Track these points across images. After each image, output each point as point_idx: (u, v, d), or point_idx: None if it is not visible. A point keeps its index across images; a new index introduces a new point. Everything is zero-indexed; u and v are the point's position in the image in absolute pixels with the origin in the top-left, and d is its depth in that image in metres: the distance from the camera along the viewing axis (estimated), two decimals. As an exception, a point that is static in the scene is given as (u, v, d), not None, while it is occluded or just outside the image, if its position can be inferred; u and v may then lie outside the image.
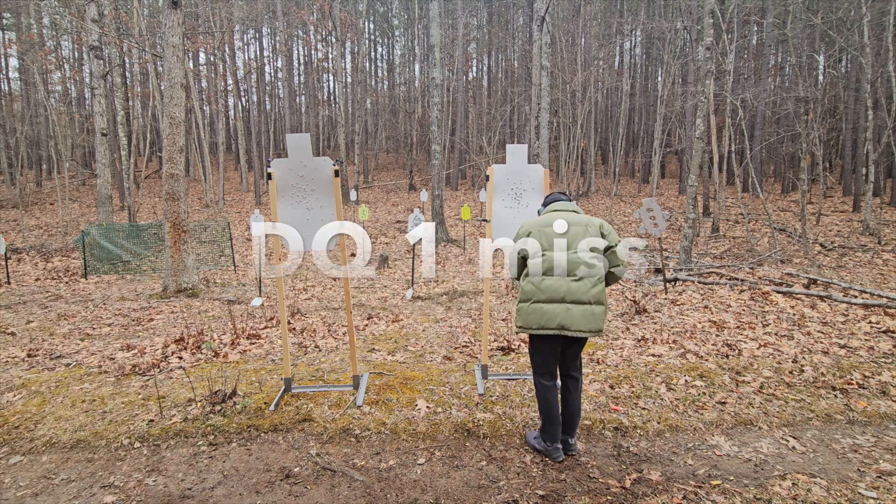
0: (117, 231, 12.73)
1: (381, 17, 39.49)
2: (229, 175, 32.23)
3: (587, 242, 2.63)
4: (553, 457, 2.75)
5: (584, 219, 2.71)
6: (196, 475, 2.73)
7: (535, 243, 2.68)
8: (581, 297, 2.58)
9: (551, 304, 2.60)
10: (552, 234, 2.66)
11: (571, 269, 2.61)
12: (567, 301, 2.59)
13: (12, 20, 27.50)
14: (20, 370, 4.47)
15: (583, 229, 2.65)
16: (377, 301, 7.61)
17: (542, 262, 2.65)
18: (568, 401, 2.79)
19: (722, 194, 15.57)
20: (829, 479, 2.61)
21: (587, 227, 2.67)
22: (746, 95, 14.74)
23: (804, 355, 4.32)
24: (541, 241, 2.67)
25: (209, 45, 22.77)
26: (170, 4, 7.76)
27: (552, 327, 2.60)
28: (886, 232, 13.36)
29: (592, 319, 2.59)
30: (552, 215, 2.73)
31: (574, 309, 2.58)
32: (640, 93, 30.37)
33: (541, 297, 2.62)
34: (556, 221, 2.68)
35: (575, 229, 2.66)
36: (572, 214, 2.72)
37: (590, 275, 2.61)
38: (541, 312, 2.61)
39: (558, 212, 2.75)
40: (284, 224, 3.57)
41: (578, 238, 2.64)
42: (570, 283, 2.60)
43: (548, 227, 2.68)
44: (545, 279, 2.63)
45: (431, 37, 14.27)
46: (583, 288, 2.59)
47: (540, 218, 2.76)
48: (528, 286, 2.68)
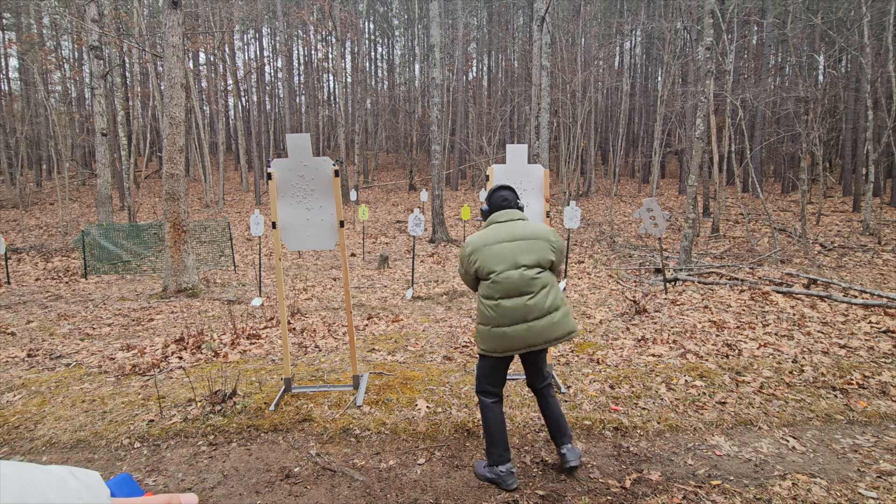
0: (117, 231, 12.72)
1: (381, 17, 39.49)
2: (229, 175, 32.23)
3: (536, 258, 2.47)
4: (506, 483, 2.47)
5: (532, 230, 2.51)
6: (196, 475, 2.73)
7: (483, 265, 2.48)
8: (540, 312, 2.42)
9: (514, 326, 2.42)
10: (499, 253, 2.45)
11: (525, 289, 2.43)
12: (529, 320, 2.42)
13: (12, 20, 27.50)
14: (20, 370, 4.47)
15: (530, 244, 2.47)
16: (377, 301, 7.61)
17: (494, 285, 2.45)
18: (548, 408, 2.61)
19: (722, 194, 15.57)
20: (829, 479, 2.61)
21: (536, 239, 2.49)
22: (746, 95, 14.74)
23: (804, 355, 4.32)
24: (488, 263, 2.46)
25: (209, 45, 22.77)
26: (170, 4, 7.76)
27: (520, 348, 2.44)
28: (886, 232, 13.37)
29: (557, 327, 2.45)
30: (498, 231, 2.51)
31: (535, 325, 2.42)
32: (640, 93, 30.37)
33: (502, 321, 2.43)
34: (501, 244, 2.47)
35: (523, 244, 2.46)
36: (519, 226, 2.52)
37: (543, 285, 2.46)
38: (504, 337, 2.43)
39: (502, 223, 2.54)
40: (284, 224, 3.57)
41: (527, 254, 2.46)
42: (526, 301, 2.42)
43: (495, 246, 2.47)
44: (501, 302, 2.43)
45: (431, 37, 14.27)
46: (539, 303, 2.42)
47: (485, 234, 2.52)
48: (486, 310, 2.48)
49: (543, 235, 2.51)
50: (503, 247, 2.45)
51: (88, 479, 0.55)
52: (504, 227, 2.50)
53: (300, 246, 3.59)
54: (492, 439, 2.50)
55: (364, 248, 14.32)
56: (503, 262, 2.43)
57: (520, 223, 2.52)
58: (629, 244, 13.86)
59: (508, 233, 2.48)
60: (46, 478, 0.51)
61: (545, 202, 3.82)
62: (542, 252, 2.48)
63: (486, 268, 2.47)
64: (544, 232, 2.53)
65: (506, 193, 2.63)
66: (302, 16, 25.97)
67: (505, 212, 2.57)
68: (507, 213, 2.56)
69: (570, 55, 24.11)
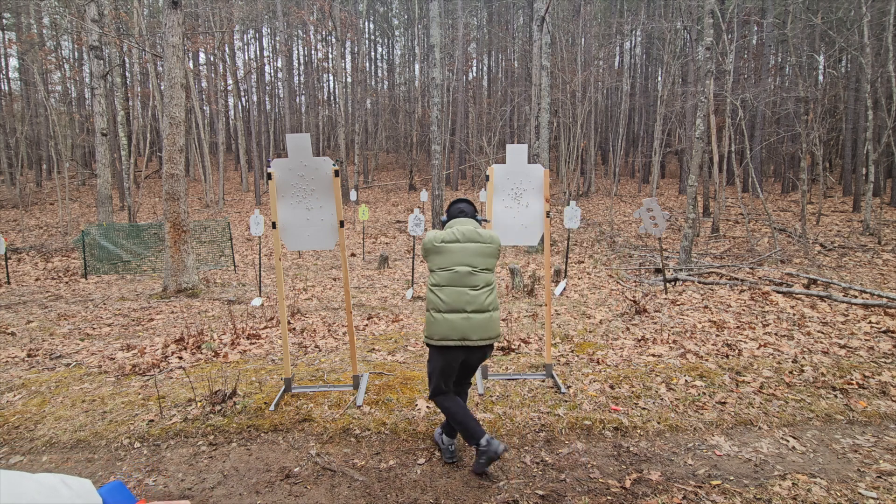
0: (117, 231, 12.72)
1: (381, 17, 39.48)
2: (229, 175, 32.22)
3: (484, 260, 2.75)
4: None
5: (483, 236, 2.78)
6: (196, 475, 2.73)
7: (437, 258, 2.75)
8: (479, 305, 2.66)
9: (454, 313, 2.65)
10: (453, 251, 2.73)
11: (469, 282, 2.69)
12: (468, 311, 2.65)
13: (12, 20, 27.50)
14: (20, 370, 4.47)
15: (481, 247, 2.75)
16: (377, 301, 7.61)
17: (443, 274, 2.72)
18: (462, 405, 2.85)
19: (722, 194, 15.57)
20: (829, 479, 2.61)
21: (486, 244, 2.77)
22: (746, 95, 14.74)
23: (804, 355, 4.32)
24: (442, 257, 2.73)
25: (209, 45, 22.77)
26: (170, 4, 7.76)
27: (455, 338, 2.62)
28: (886, 232, 13.36)
29: (492, 326, 2.68)
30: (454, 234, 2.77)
31: (474, 318, 2.65)
32: (640, 93, 30.36)
33: (442, 307, 2.66)
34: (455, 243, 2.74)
35: (473, 246, 2.74)
36: (472, 231, 2.78)
37: (486, 283, 2.73)
38: (444, 322, 2.64)
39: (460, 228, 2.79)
40: (284, 224, 3.57)
41: (477, 255, 2.73)
42: (468, 291, 2.67)
43: (450, 244, 2.74)
44: (446, 289, 2.69)
45: (431, 37, 14.28)
46: (480, 297, 2.68)
47: (444, 233, 2.79)
48: (432, 296, 2.73)
49: (494, 241, 2.82)
50: (457, 246, 2.74)
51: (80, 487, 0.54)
52: (461, 230, 2.78)
53: (300, 246, 3.59)
54: (461, 421, 2.63)
55: (364, 248, 14.32)
56: (455, 258, 2.72)
57: (473, 229, 2.80)
58: (629, 244, 13.86)
59: (463, 236, 2.76)
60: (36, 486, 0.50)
61: (545, 202, 3.82)
62: (489, 256, 2.79)
63: (440, 260, 2.74)
64: (495, 238, 2.84)
65: (463, 206, 2.96)
66: (302, 16, 25.97)
67: (461, 219, 2.88)
68: (463, 220, 2.87)
69: (570, 55, 24.11)
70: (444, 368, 2.69)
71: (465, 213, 2.94)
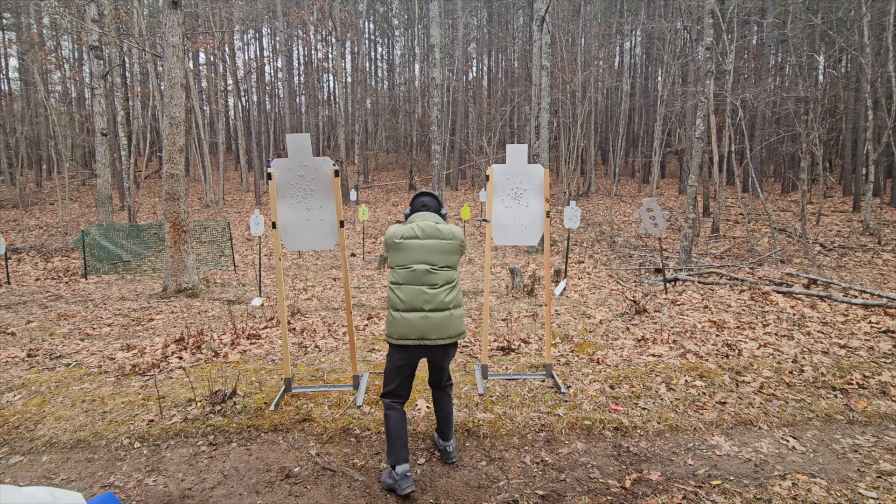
0: (117, 231, 12.72)
1: (381, 17, 39.48)
2: (229, 175, 32.22)
3: (444, 258, 2.66)
4: (400, 487, 2.46)
5: (445, 232, 2.70)
6: (196, 475, 2.73)
7: (397, 255, 2.67)
8: (438, 304, 2.60)
9: (411, 312, 2.59)
10: (413, 247, 2.65)
11: (427, 280, 2.62)
12: (426, 310, 2.58)
13: (12, 20, 27.50)
14: (20, 370, 4.47)
15: (441, 244, 2.67)
16: (377, 301, 7.61)
17: (402, 271, 2.65)
18: (442, 406, 2.80)
19: (722, 194, 15.57)
20: (829, 479, 2.61)
21: (448, 240, 2.69)
22: (746, 95, 14.74)
23: (804, 355, 4.32)
24: (402, 254, 2.66)
25: (209, 45, 22.76)
26: (170, 4, 7.76)
27: (413, 338, 2.56)
28: (886, 232, 13.36)
29: (452, 324, 2.62)
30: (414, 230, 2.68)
31: (432, 317, 2.58)
32: (640, 93, 30.36)
33: (400, 305, 2.60)
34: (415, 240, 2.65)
35: (434, 243, 2.66)
36: (432, 227, 2.69)
37: (447, 281, 2.66)
38: (402, 321, 2.58)
39: (419, 223, 2.71)
40: (284, 224, 3.57)
41: (437, 252, 2.66)
42: (426, 290, 2.60)
43: (410, 241, 2.66)
44: (404, 287, 2.62)
45: (431, 37, 14.27)
46: (439, 296, 2.61)
47: (405, 229, 2.70)
48: (391, 295, 2.67)
49: (456, 237, 2.74)
50: (418, 243, 2.65)
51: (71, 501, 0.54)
52: (421, 226, 2.69)
53: (300, 246, 3.59)
54: (390, 438, 2.55)
55: (364, 248, 14.32)
56: (414, 256, 2.64)
57: (434, 224, 2.71)
58: (629, 244, 13.86)
59: (422, 232, 2.67)
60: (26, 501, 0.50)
61: (545, 202, 3.82)
62: (451, 253, 2.70)
63: (398, 258, 2.67)
64: (458, 234, 2.75)
65: (426, 200, 2.86)
66: (302, 16, 25.97)
67: (422, 214, 2.78)
68: (425, 215, 2.77)
69: (570, 55, 24.10)
70: (402, 367, 2.63)
71: (427, 207, 2.85)
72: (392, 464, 2.52)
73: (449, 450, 2.81)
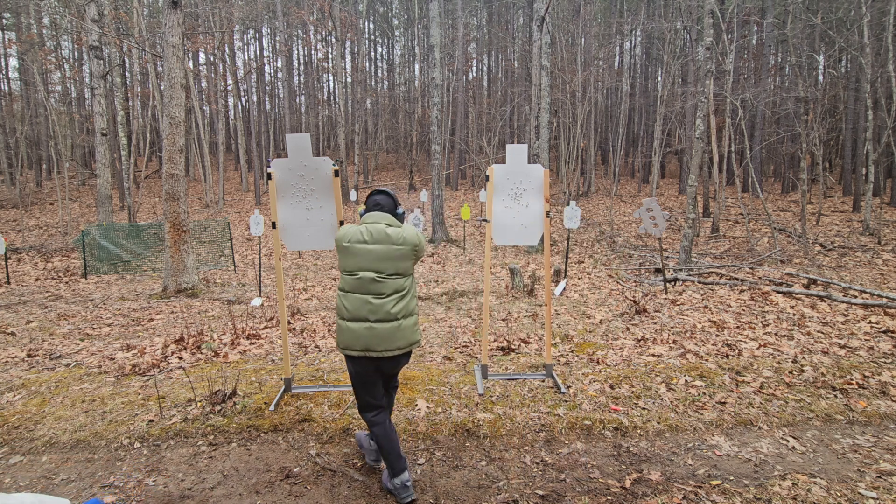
0: (117, 231, 12.72)
1: (381, 17, 39.48)
2: (229, 175, 32.22)
3: (394, 264, 2.50)
4: (400, 497, 2.43)
5: (396, 237, 2.52)
6: (196, 475, 2.73)
7: (345, 259, 2.53)
8: (384, 315, 2.45)
9: (356, 322, 2.46)
10: (361, 252, 2.49)
11: (374, 289, 2.47)
12: (371, 320, 2.44)
13: (12, 20, 27.50)
14: (20, 370, 4.47)
15: (391, 249, 2.49)
16: (377, 301, 7.60)
17: (349, 278, 2.50)
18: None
19: (722, 194, 15.57)
20: (829, 479, 2.61)
21: (399, 246, 2.51)
22: (746, 95, 14.74)
23: (804, 355, 4.32)
24: (350, 258, 2.51)
25: (209, 45, 22.76)
26: (170, 4, 7.76)
27: (357, 349, 2.45)
28: (886, 232, 13.36)
29: (400, 335, 2.48)
30: (364, 232, 2.53)
31: (378, 328, 2.44)
32: (640, 93, 30.35)
33: (345, 314, 2.49)
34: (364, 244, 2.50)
35: (383, 249, 2.49)
36: (382, 230, 2.52)
37: (396, 289, 2.50)
38: (347, 331, 2.47)
39: (370, 225, 2.55)
40: (284, 224, 3.57)
41: (386, 259, 2.49)
42: (371, 300, 2.46)
43: (358, 245, 2.50)
44: (349, 295, 2.49)
45: (431, 37, 14.27)
46: (386, 306, 2.46)
47: (355, 231, 2.55)
48: (339, 301, 2.54)
49: (408, 242, 2.54)
50: (364, 248, 2.49)
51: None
52: (369, 229, 2.52)
53: (300, 246, 3.59)
54: (383, 453, 2.49)
55: (364, 248, 14.29)
56: (361, 262, 2.49)
57: (383, 228, 2.53)
58: (629, 244, 13.86)
59: (371, 236, 2.50)
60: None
61: (545, 202, 3.82)
62: (401, 259, 2.52)
63: (346, 262, 2.53)
64: (410, 238, 2.55)
65: (380, 198, 2.66)
66: (302, 16, 25.97)
67: (374, 214, 2.59)
68: (375, 216, 2.58)
69: (570, 55, 24.10)
70: (358, 377, 2.53)
71: (381, 207, 2.63)
72: (391, 475, 2.47)
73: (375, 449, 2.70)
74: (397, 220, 2.64)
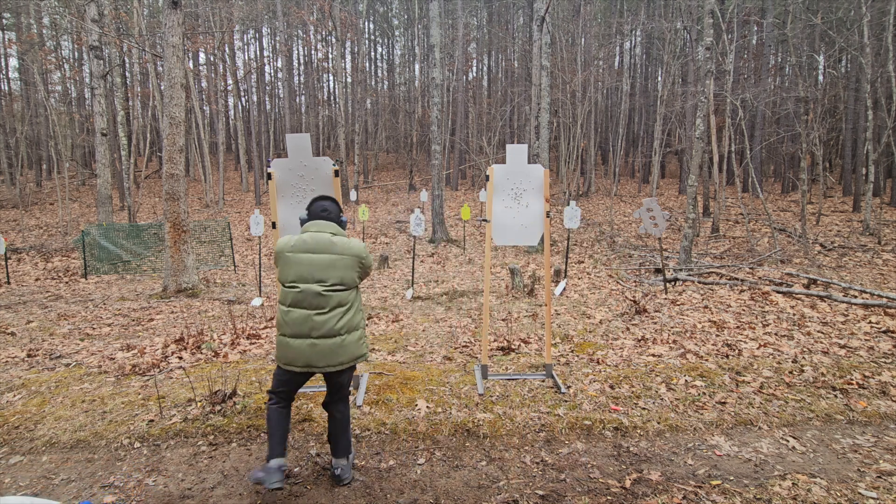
0: (117, 231, 12.73)
1: (381, 17, 39.48)
2: (229, 175, 32.22)
3: (339, 275, 2.41)
4: (268, 481, 2.32)
5: (341, 246, 2.44)
6: (196, 475, 2.73)
7: (283, 271, 2.41)
8: (328, 330, 2.37)
9: (298, 339, 2.37)
10: (302, 263, 2.38)
11: (317, 303, 2.37)
12: (314, 336, 2.36)
13: (12, 20, 27.50)
14: (20, 370, 4.47)
15: (334, 260, 2.41)
16: (377, 301, 7.61)
17: (289, 292, 2.39)
18: (332, 425, 2.58)
19: (722, 194, 15.57)
20: (829, 479, 2.61)
21: (343, 256, 2.43)
22: (746, 95, 14.74)
23: (804, 355, 4.32)
24: (289, 270, 2.40)
25: (209, 45, 22.77)
26: (170, 4, 7.76)
27: (299, 365, 2.38)
28: (886, 232, 13.36)
29: (343, 351, 2.41)
30: (307, 241, 2.42)
31: (320, 344, 2.37)
32: (640, 93, 30.36)
33: (286, 330, 2.39)
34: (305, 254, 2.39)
35: (326, 259, 2.39)
36: (326, 239, 2.43)
37: (339, 303, 2.42)
38: (288, 347, 2.38)
39: (313, 234, 2.44)
40: (284, 224, 3.57)
41: (329, 269, 2.39)
42: (314, 315, 2.36)
43: (299, 255, 2.39)
44: (291, 311, 2.39)
45: (431, 37, 14.27)
46: (329, 322, 2.38)
47: (295, 241, 2.43)
48: (279, 316, 2.45)
49: (353, 252, 2.45)
50: (307, 257, 2.38)
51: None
52: (313, 237, 2.42)
53: (300, 246, 3.59)
54: (269, 433, 2.45)
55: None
56: (302, 273, 2.37)
57: (328, 237, 2.43)
58: (629, 244, 13.86)
59: (316, 245, 2.40)
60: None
61: (545, 202, 3.83)
62: (346, 270, 2.43)
63: (286, 272, 2.40)
64: (355, 249, 2.46)
65: (326, 204, 2.55)
66: (302, 16, 25.97)
67: (317, 223, 2.49)
68: (320, 224, 2.48)
69: (570, 55, 24.10)
70: (284, 383, 2.48)
71: (328, 214, 2.52)
72: (267, 457, 2.41)
73: (336, 472, 2.53)
74: (341, 227, 2.55)
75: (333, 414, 2.58)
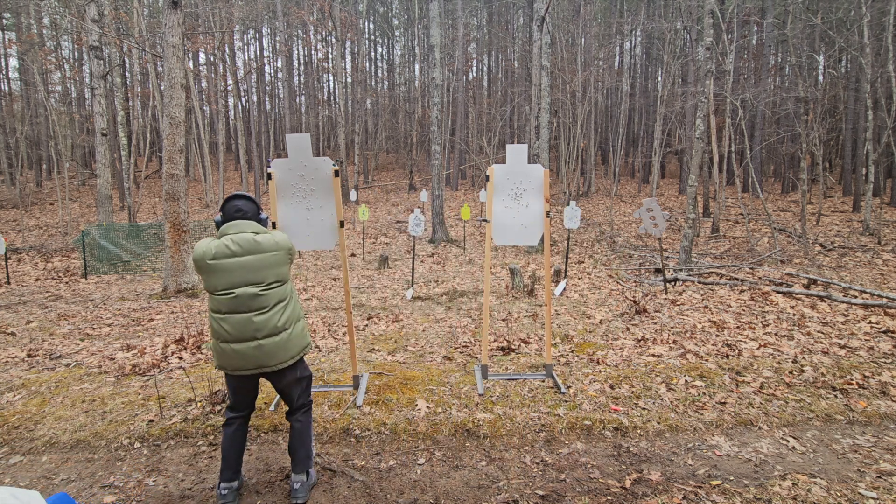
0: (117, 231, 12.72)
1: (381, 17, 39.49)
2: (229, 175, 32.22)
3: (273, 273, 2.33)
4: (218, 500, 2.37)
5: (267, 243, 2.34)
6: (196, 475, 2.73)
7: (210, 281, 2.28)
8: (272, 329, 2.30)
9: (243, 343, 2.28)
10: (229, 268, 2.26)
11: (255, 304, 2.28)
12: (259, 338, 2.28)
13: (12, 20, 27.50)
14: (20, 370, 4.47)
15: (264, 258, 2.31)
16: (377, 301, 7.61)
17: (222, 299, 2.28)
18: (291, 437, 2.50)
19: (722, 194, 15.57)
20: (829, 479, 2.61)
21: (272, 252, 2.34)
22: (746, 95, 14.74)
23: (804, 355, 4.32)
24: (217, 278, 2.27)
25: (209, 45, 22.76)
26: (170, 4, 7.76)
27: (250, 368, 2.31)
28: (886, 232, 13.36)
29: (292, 345, 2.37)
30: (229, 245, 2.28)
31: (266, 344, 2.29)
32: (640, 93, 30.36)
33: (228, 336, 2.27)
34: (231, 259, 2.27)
35: (255, 259, 2.29)
36: (249, 239, 2.31)
37: (278, 299, 2.35)
38: (233, 354, 2.28)
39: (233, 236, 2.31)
40: (284, 224, 3.57)
41: (261, 269, 2.30)
42: (254, 317, 2.27)
43: (224, 261, 2.26)
44: (228, 317, 2.27)
45: (431, 37, 14.27)
46: (272, 320, 2.31)
47: (216, 247, 2.29)
48: (214, 324, 2.31)
49: (281, 246, 2.39)
50: (235, 262, 2.27)
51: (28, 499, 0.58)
52: (235, 240, 2.30)
53: (300, 246, 3.59)
54: (223, 455, 2.43)
55: (364, 248, 14.32)
56: (234, 280, 2.26)
57: (251, 237, 2.32)
58: (629, 244, 13.86)
59: (240, 247, 2.28)
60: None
61: (545, 202, 3.82)
62: (279, 266, 2.36)
63: (214, 282, 2.27)
64: (282, 243, 2.40)
65: (240, 203, 2.41)
66: (302, 16, 25.97)
67: (235, 223, 2.36)
68: (239, 224, 2.35)
69: (570, 55, 24.10)
70: (238, 390, 2.43)
71: (244, 214, 2.39)
72: (218, 483, 2.41)
73: (295, 486, 2.44)
74: (262, 225, 2.44)
75: (292, 423, 2.51)
